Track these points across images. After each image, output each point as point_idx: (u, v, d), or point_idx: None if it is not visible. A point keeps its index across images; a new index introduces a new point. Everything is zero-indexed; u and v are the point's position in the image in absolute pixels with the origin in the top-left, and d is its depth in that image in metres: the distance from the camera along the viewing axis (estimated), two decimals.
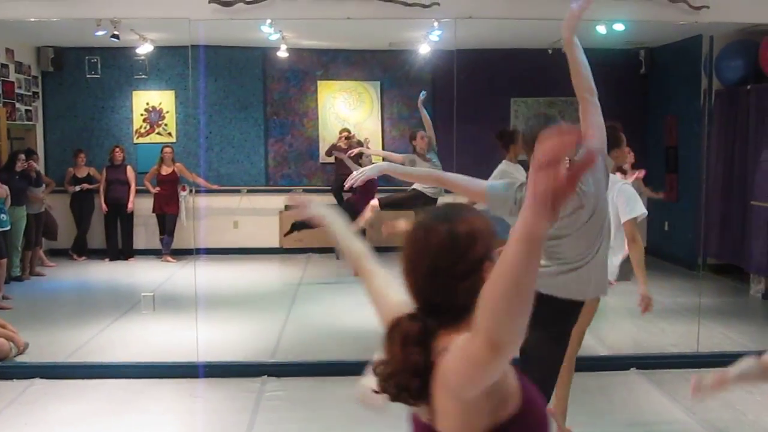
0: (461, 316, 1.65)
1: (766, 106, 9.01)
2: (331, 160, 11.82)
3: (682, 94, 10.78)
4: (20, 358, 6.52)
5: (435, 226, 1.72)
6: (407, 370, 1.63)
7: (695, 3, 6.44)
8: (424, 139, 9.15)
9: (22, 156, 9.74)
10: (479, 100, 11.34)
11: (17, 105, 10.80)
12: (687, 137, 10.65)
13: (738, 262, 9.60)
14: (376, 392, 1.66)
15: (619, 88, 11.90)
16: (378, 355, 1.71)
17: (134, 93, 11.91)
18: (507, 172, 7.27)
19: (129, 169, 11.39)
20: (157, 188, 11.22)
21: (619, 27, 7.51)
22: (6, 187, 8.88)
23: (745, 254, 9.38)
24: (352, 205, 9.49)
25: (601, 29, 7.67)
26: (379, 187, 11.54)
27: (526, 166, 7.37)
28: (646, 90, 12.05)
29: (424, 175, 5.04)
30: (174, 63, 11.57)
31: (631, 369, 6.39)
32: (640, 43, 11.46)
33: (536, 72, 11.69)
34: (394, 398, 1.69)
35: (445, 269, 1.67)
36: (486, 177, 7.91)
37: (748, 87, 9.40)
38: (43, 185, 10.39)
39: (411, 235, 1.76)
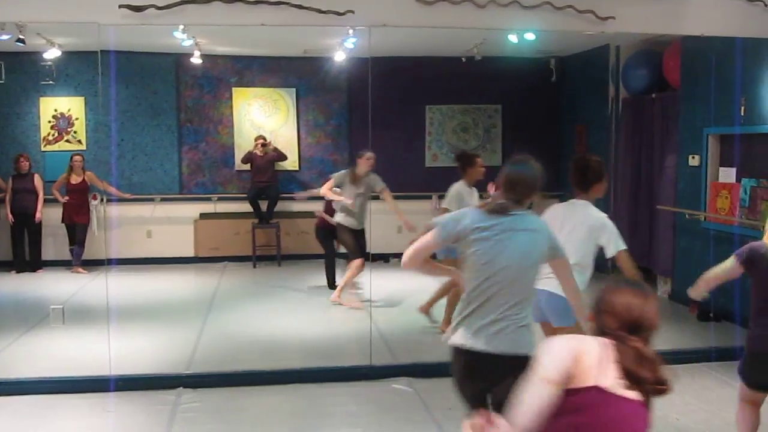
0: None
1: (670, 114, 9.34)
2: (247, 167, 11.72)
3: (591, 102, 11.09)
4: None
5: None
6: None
7: (602, 14, 6.62)
8: (369, 161, 8.88)
9: None
10: (394, 107, 11.44)
11: None
12: (596, 144, 10.94)
13: (646, 264, 9.90)
14: None
15: (531, 96, 12.19)
16: None
17: (41, 99, 11.54)
18: (461, 194, 7.45)
19: (36, 177, 11.03)
20: (67, 197, 10.90)
21: (530, 36, 7.67)
22: None
23: (653, 257, 9.70)
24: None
25: (513, 38, 7.82)
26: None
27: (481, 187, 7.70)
28: (557, 98, 12.35)
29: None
30: (83, 68, 11.27)
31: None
32: (551, 52, 11.75)
33: (450, 80, 11.87)
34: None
35: None
36: (400, 181, 7.98)
37: (653, 95, 9.73)
38: None
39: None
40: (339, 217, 8.89)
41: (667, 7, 6.73)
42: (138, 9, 6.14)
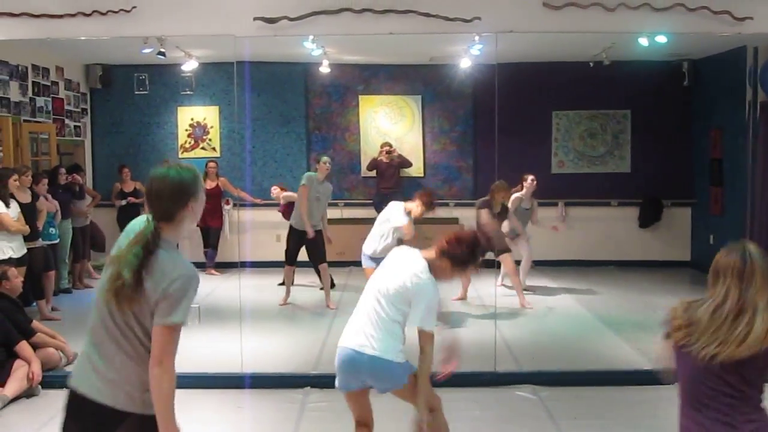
0: None
1: None
2: (373, 174, 11.89)
3: (726, 106, 10.67)
4: (70, 368, 6.66)
5: None
6: None
7: (739, 14, 6.39)
8: (326, 165, 9.37)
9: (63, 170, 9.97)
10: (520, 113, 11.35)
11: (66, 121, 11.06)
12: (732, 150, 10.53)
13: None
14: None
15: (663, 100, 11.84)
16: None
17: (179, 109, 12.13)
18: None
19: None
20: None
21: (661, 39, 7.49)
22: (56, 202, 9.10)
23: None
24: None
25: (644, 42, 7.65)
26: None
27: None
28: (690, 102, 11.94)
29: None
30: (218, 79, 11.76)
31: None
32: (683, 55, 11.38)
33: (577, 85, 11.68)
34: None
35: None
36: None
37: None
38: (88, 198, 10.60)
39: None
40: None
41: None
42: (271, 21, 6.39)
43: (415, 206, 7.90)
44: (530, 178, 9.51)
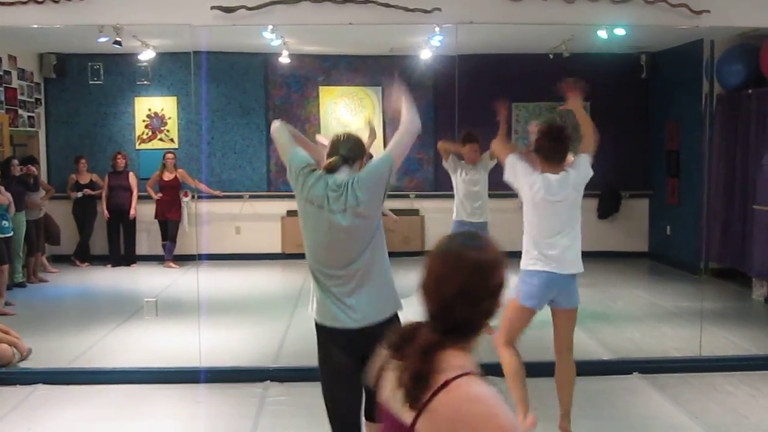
0: (468, 335, 1.91)
1: (767, 110, 9.01)
2: None
3: (683, 99, 10.80)
4: (23, 364, 6.53)
5: (466, 253, 1.90)
6: (415, 375, 1.81)
7: (696, 7, 6.45)
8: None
9: (16, 161, 9.77)
10: (481, 104, 11.29)
11: (20, 111, 10.82)
12: (688, 141, 10.66)
13: (740, 267, 9.60)
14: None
15: (620, 92, 11.93)
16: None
17: (136, 99, 11.94)
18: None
19: (131, 175, 11.41)
20: (159, 194, 11.23)
21: (620, 32, 7.53)
22: (9, 194, 8.90)
23: (747, 258, 9.38)
24: None
25: (602, 34, 7.69)
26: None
27: None
28: (648, 94, 12.06)
29: None
30: (176, 69, 11.59)
31: (634, 373, 6.38)
32: (641, 48, 11.48)
33: (537, 76, 11.67)
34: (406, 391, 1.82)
35: (472, 292, 1.87)
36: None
37: (749, 91, 9.41)
38: (42, 191, 10.40)
39: (442, 258, 1.92)
40: None
41: None
42: (229, 10, 6.29)
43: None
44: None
